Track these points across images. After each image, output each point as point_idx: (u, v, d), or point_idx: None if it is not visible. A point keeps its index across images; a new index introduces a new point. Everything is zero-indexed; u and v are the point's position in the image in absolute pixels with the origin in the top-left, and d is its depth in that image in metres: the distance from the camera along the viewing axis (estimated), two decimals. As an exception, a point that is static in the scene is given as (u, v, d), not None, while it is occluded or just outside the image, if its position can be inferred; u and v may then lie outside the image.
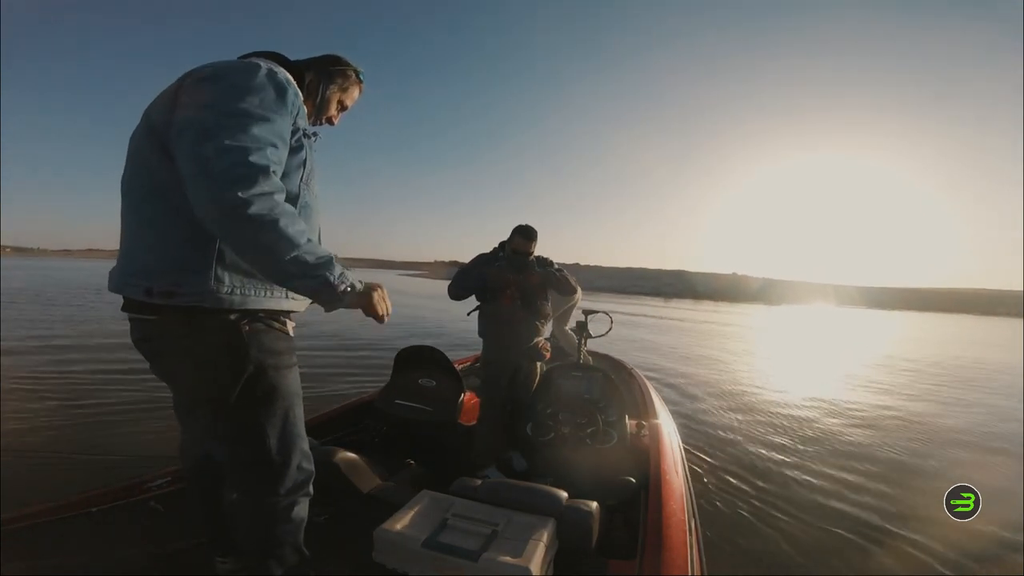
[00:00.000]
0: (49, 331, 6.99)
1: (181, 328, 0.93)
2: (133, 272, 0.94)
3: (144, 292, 0.91)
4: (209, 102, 0.84)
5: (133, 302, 0.96)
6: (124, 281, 0.96)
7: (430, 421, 2.16)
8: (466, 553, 1.08)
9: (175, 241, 0.90)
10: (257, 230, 0.80)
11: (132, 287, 0.94)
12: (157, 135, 0.90)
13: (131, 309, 0.99)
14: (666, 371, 6.70)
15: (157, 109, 0.92)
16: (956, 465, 3.62)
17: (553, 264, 2.49)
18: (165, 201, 0.90)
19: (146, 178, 0.93)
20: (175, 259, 0.90)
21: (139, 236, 0.96)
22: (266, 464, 1.00)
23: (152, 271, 0.91)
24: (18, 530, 1.24)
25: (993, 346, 14.76)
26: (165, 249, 0.91)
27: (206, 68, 0.91)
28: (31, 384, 4.11)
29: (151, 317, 0.95)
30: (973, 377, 8.01)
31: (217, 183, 0.78)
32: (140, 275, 0.93)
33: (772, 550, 2.27)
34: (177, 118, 0.85)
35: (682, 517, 1.40)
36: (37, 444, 2.82)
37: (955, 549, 2.24)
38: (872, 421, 4.72)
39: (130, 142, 1.00)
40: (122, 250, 1.00)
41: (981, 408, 5.68)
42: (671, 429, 2.33)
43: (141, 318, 0.97)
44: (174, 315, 0.91)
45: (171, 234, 0.90)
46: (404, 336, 8.21)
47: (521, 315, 2.35)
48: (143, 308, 0.95)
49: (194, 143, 0.80)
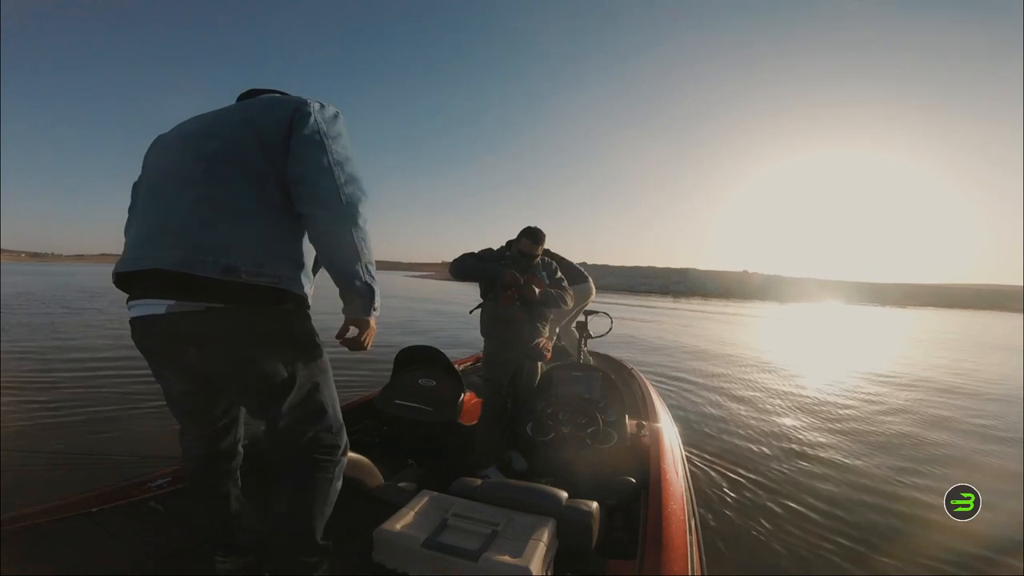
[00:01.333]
0: (49, 332, 7.00)
1: (261, 310, 0.98)
2: (205, 248, 0.92)
3: (221, 269, 0.92)
4: (338, 135, 1.05)
5: (188, 286, 0.92)
6: (190, 257, 0.91)
7: (430, 421, 2.16)
8: (466, 553, 1.08)
9: (263, 227, 0.99)
10: (361, 237, 1.02)
11: (205, 264, 0.91)
12: (255, 130, 1.01)
13: (182, 294, 0.93)
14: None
15: (261, 112, 1.04)
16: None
17: (557, 272, 2.50)
18: (257, 189, 0.99)
19: (237, 165, 0.99)
20: (259, 242, 0.97)
21: (214, 216, 0.96)
22: (328, 430, 1.13)
23: (232, 250, 0.94)
24: (18, 530, 1.24)
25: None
26: (249, 232, 0.97)
27: (327, 107, 1.07)
28: (31, 384, 4.11)
29: (217, 304, 0.94)
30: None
31: (346, 201, 1.01)
32: (216, 251, 0.92)
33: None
34: (310, 137, 1.01)
35: (682, 517, 1.40)
36: (37, 444, 2.82)
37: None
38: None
39: (195, 124, 1.07)
40: (164, 227, 0.96)
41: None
42: (671, 429, 2.33)
43: (193, 309, 0.94)
44: (250, 296, 0.96)
45: (259, 220, 0.98)
46: (405, 334, 8.23)
47: (522, 315, 2.35)
48: (205, 292, 0.92)
49: (334, 167, 1.01)
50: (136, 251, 1.00)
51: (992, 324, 21.98)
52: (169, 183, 1.02)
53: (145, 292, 0.98)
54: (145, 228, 1.02)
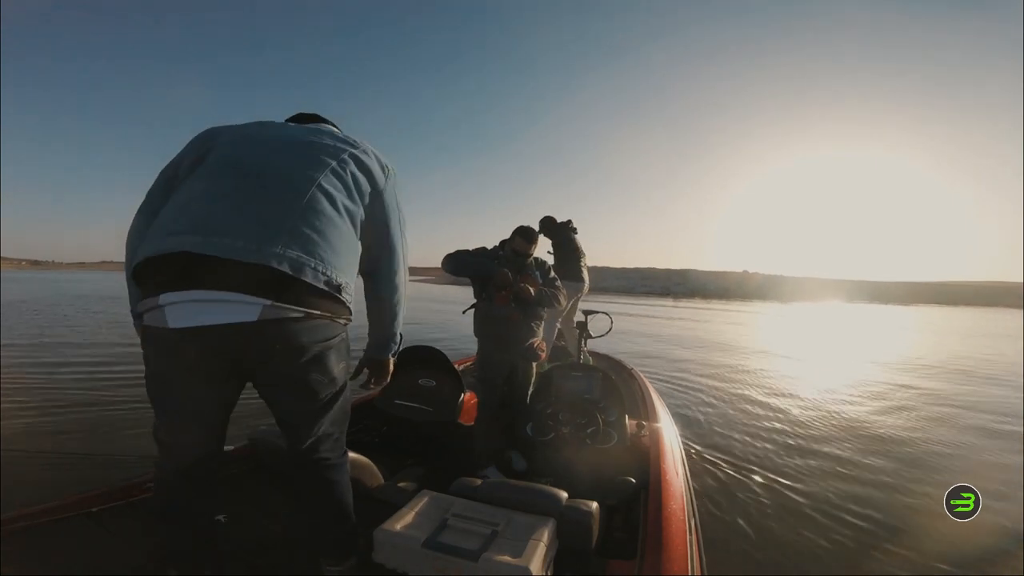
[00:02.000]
0: (51, 333, 7.00)
1: (335, 323, 1.02)
2: (315, 256, 0.92)
3: (325, 282, 0.95)
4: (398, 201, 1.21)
5: (290, 288, 0.89)
6: (303, 260, 0.89)
7: (430, 421, 2.16)
8: (466, 553, 1.08)
9: (350, 253, 1.05)
10: (403, 298, 1.25)
11: (315, 272, 0.92)
12: (357, 168, 1.09)
13: (282, 296, 0.88)
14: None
15: (359, 156, 1.10)
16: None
17: (551, 271, 2.49)
18: (349, 220, 1.05)
19: (340, 192, 1.04)
20: (347, 265, 1.03)
21: (323, 229, 0.96)
22: (345, 432, 1.21)
23: (332, 264, 0.96)
24: (18, 530, 1.24)
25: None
26: (343, 254, 1.01)
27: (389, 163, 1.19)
28: (31, 384, 4.11)
29: (315, 312, 0.94)
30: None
31: (403, 270, 1.23)
32: (322, 262, 0.93)
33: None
34: (391, 202, 1.17)
35: (682, 517, 1.40)
36: (37, 444, 2.82)
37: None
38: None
39: (288, 132, 1.10)
40: (271, 223, 0.90)
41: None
42: (671, 429, 2.33)
43: (292, 315, 0.91)
44: (337, 310, 1.01)
45: (348, 247, 1.04)
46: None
47: (517, 315, 2.34)
48: (306, 299, 0.92)
49: (403, 234, 1.21)
50: (207, 233, 0.86)
51: (1003, 320, 21.79)
52: (271, 178, 0.97)
53: (222, 283, 0.85)
54: (232, 213, 0.90)
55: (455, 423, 2.18)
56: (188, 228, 0.88)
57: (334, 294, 0.97)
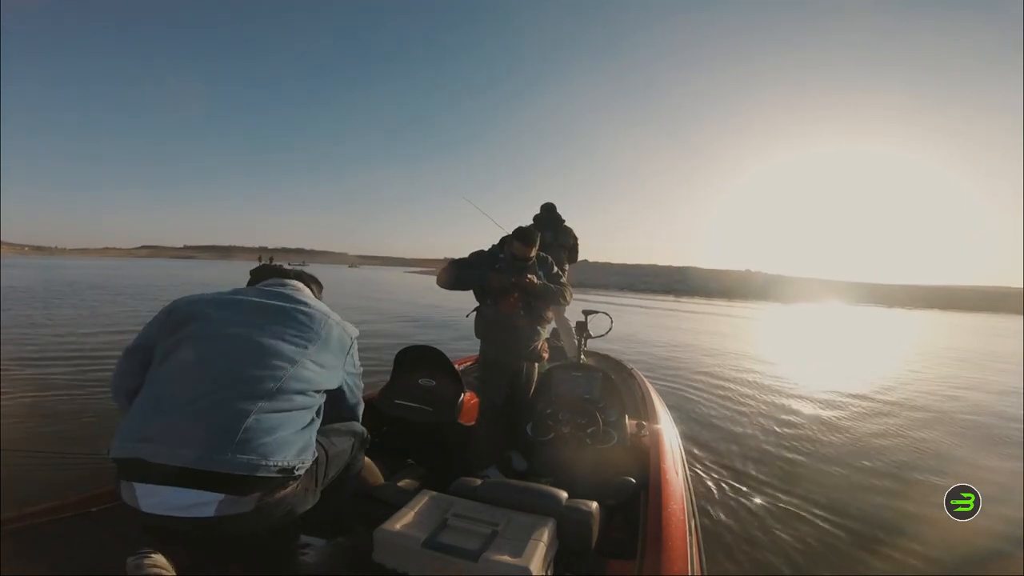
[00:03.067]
0: (51, 330, 6.99)
1: (295, 494, 1.11)
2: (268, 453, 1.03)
3: (278, 469, 1.04)
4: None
5: (233, 482, 0.99)
6: (250, 463, 1.00)
7: (430, 421, 2.16)
8: (466, 553, 1.08)
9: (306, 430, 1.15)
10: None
11: (265, 467, 1.01)
12: (320, 347, 1.23)
13: (229, 489, 0.99)
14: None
15: (322, 332, 1.24)
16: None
17: (554, 267, 2.46)
18: (309, 402, 1.17)
19: (299, 384, 1.14)
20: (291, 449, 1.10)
21: (280, 425, 1.07)
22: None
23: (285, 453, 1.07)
24: (18, 530, 1.24)
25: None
26: (298, 435, 1.12)
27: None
28: (31, 384, 4.11)
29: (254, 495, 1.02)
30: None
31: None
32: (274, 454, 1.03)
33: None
34: (356, 369, 1.45)
35: (682, 517, 1.40)
36: (37, 444, 2.82)
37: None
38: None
39: (246, 321, 1.17)
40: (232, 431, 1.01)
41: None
42: (671, 429, 2.33)
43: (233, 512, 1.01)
44: (290, 485, 1.08)
45: (304, 425, 1.15)
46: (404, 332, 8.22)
47: (524, 320, 2.33)
48: (252, 487, 1.01)
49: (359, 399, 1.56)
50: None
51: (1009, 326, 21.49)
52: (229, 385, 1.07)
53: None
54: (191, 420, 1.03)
55: (455, 423, 2.18)
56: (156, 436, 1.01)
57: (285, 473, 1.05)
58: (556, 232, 4.10)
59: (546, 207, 4.19)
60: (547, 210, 4.17)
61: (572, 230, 4.18)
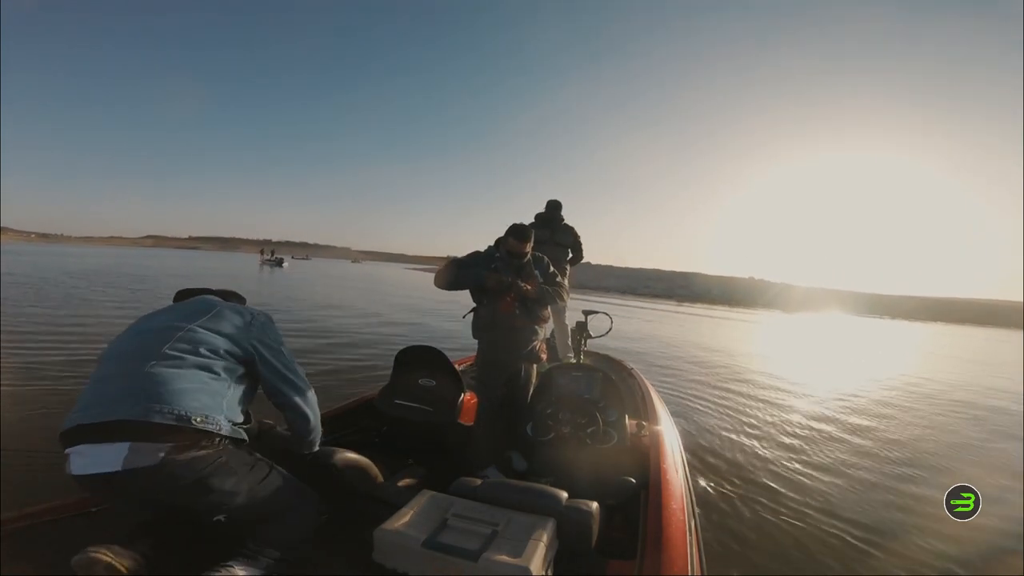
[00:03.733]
0: (51, 327, 6.98)
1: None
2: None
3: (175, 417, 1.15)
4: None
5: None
6: (147, 409, 1.13)
7: (430, 421, 2.16)
8: (466, 553, 1.08)
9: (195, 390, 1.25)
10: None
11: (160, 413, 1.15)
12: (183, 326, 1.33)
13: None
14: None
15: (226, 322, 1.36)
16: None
17: (551, 268, 2.46)
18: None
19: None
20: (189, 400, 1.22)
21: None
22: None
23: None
24: (18, 530, 1.24)
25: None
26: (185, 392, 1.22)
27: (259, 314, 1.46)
28: (32, 383, 4.10)
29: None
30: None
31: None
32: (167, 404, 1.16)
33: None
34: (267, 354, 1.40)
35: (682, 517, 1.40)
36: (37, 444, 2.82)
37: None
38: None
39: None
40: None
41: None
42: (671, 429, 2.33)
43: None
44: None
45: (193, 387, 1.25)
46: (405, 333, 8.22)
47: (521, 321, 2.32)
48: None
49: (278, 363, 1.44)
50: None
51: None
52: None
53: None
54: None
55: (455, 423, 2.18)
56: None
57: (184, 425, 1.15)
58: (554, 230, 4.08)
59: (551, 204, 4.16)
60: (551, 207, 4.15)
61: (573, 229, 4.15)
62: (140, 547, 1.18)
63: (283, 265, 35.82)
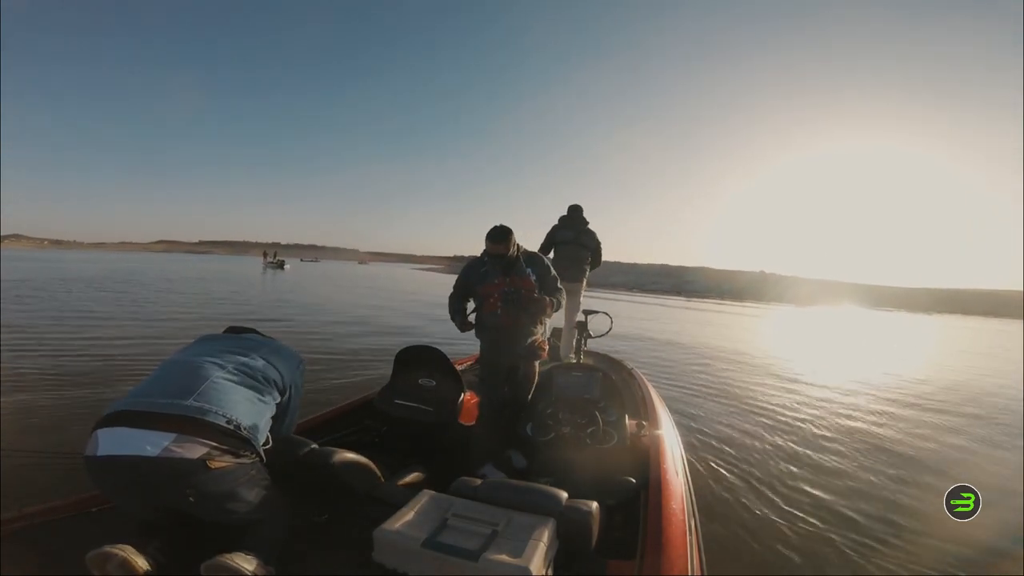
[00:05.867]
0: (51, 327, 6.98)
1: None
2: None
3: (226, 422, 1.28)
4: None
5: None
6: (202, 408, 1.24)
7: (430, 421, 2.16)
8: (466, 553, 1.08)
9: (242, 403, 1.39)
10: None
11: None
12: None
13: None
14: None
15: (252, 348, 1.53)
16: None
17: (551, 270, 2.46)
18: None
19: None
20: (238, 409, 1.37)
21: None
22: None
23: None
24: (18, 530, 1.24)
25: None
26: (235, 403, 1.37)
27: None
28: (32, 383, 4.11)
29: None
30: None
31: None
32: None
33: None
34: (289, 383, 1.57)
35: (682, 517, 1.40)
36: (37, 444, 2.82)
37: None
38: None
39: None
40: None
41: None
42: (671, 429, 2.33)
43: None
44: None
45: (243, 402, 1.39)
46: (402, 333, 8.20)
47: (508, 321, 2.33)
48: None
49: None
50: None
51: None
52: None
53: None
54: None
55: (455, 423, 2.18)
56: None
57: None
58: (578, 233, 4.16)
59: (573, 208, 4.27)
60: (573, 210, 4.25)
61: (596, 234, 4.22)
62: (149, 548, 1.18)
63: (285, 267, 35.99)
